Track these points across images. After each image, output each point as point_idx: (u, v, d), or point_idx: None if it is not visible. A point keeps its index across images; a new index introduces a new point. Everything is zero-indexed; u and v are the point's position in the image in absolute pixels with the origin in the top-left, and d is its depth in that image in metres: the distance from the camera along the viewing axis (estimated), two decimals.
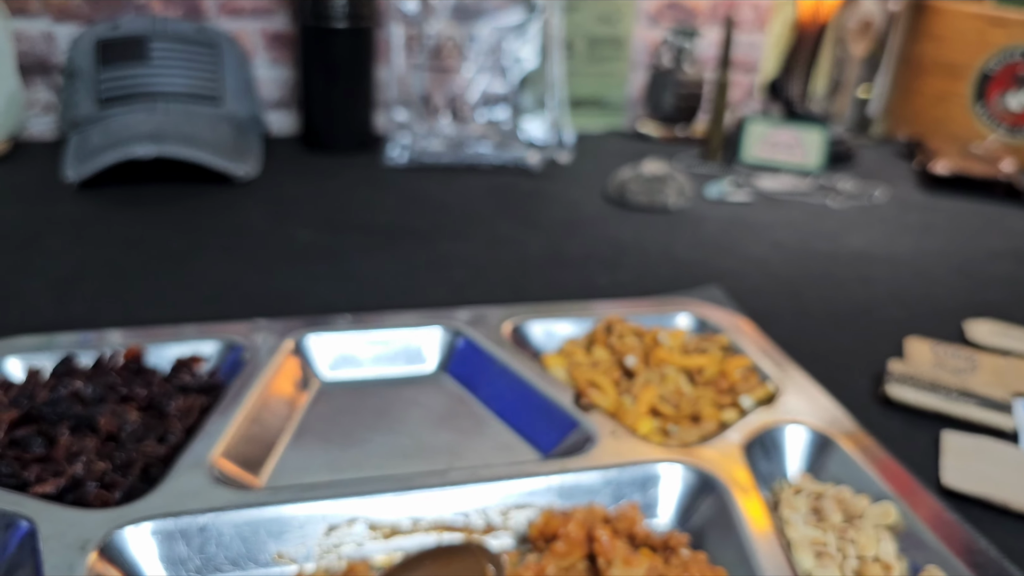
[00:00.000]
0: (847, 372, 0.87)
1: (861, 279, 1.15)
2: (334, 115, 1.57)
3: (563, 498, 0.63)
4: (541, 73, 1.61)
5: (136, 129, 1.31)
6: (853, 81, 1.89)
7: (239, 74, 1.50)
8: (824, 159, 1.61)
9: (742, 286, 1.07)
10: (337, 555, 0.58)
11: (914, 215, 1.45)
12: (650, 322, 0.89)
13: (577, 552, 0.57)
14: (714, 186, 1.47)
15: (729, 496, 0.62)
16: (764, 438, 0.70)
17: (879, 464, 0.67)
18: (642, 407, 0.73)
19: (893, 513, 0.62)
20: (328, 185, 1.40)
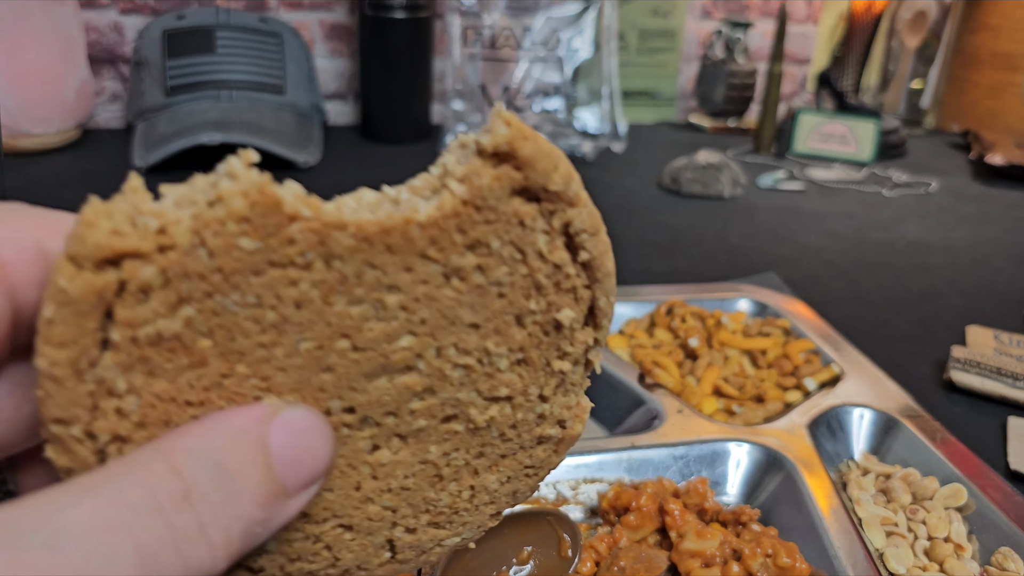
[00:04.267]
0: (908, 358, 0.87)
1: (918, 267, 1.14)
2: (392, 105, 1.59)
3: (632, 473, 0.64)
4: (595, 64, 1.61)
5: (202, 117, 1.34)
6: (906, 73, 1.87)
7: (301, 64, 1.52)
8: (876, 151, 1.60)
9: (798, 274, 1.07)
10: None
11: (970, 205, 1.44)
12: (710, 306, 0.90)
13: (649, 525, 0.58)
14: (767, 176, 1.47)
15: (797, 474, 0.62)
16: (829, 419, 0.71)
17: (946, 447, 0.67)
18: (706, 387, 0.74)
19: (963, 495, 0.62)
20: (386, 174, 1.42)
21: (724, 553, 0.54)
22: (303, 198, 0.22)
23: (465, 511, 0.31)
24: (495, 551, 0.52)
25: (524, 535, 0.55)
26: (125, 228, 0.20)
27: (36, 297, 0.23)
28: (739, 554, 0.54)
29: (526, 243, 0.25)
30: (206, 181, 0.22)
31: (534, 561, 0.52)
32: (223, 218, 0.21)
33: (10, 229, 0.23)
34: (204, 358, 0.22)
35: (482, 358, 0.27)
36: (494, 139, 0.23)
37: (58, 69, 1.39)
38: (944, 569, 0.57)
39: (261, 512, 0.22)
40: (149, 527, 0.19)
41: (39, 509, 0.18)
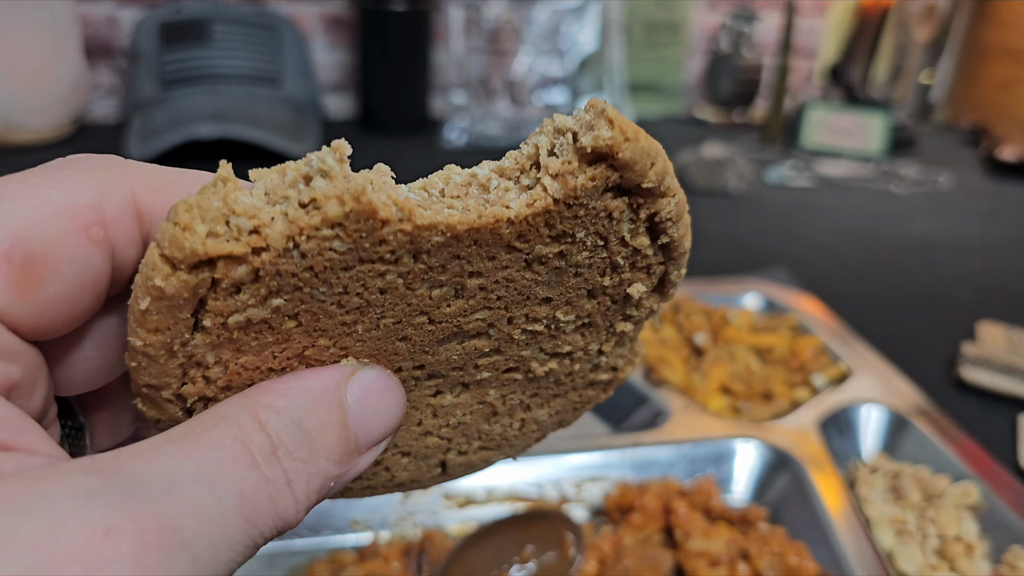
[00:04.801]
0: (917, 355, 0.85)
1: (929, 264, 1.12)
2: (391, 98, 1.58)
3: (637, 471, 0.62)
4: (599, 57, 1.60)
5: (199, 110, 1.33)
6: (915, 67, 1.85)
7: (298, 57, 1.51)
8: (886, 145, 1.59)
9: (807, 270, 1.06)
10: (412, 523, 0.59)
11: (981, 201, 1.42)
12: (717, 301, 0.88)
13: (654, 524, 0.57)
14: (775, 171, 1.45)
15: (804, 473, 0.61)
16: (838, 417, 0.69)
17: (957, 444, 0.66)
18: (712, 384, 0.73)
19: (974, 493, 0.61)
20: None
21: (731, 553, 0.53)
22: (397, 201, 0.21)
23: (514, 438, 0.34)
24: (497, 550, 0.51)
25: (526, 534, 0.53)
26: (219, 229, 0.20)
27: (133, 256, 0.24)
28: (746, 554, 0.53)
29: (610, 232, 0.25)
30: (297, 172, 0.21)
31: (536, 561, 0.51)
32: (318, 224, 0.21)
33: (110, 186, 0.23)
34: (289, 335, 0.24)
35: (550, 324, 0.28)
36: (595, 141, 0.22)
37: (52, 62, 1.38)
38: (955, 568, 0.56)
39: (336, 468, 0.23)
40: (249, 478, 0.21)
41: (150, 460, 0.19)
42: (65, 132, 1.45)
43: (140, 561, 0.17)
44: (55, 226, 0.22)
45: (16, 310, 0.21)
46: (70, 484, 0.18)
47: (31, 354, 0.23)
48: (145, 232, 0.24)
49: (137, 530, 0.18)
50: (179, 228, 0.20)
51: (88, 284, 0.23)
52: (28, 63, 1.34)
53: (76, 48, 1.44)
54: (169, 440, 0.21)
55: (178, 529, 0.18)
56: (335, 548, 0.56)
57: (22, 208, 0.21)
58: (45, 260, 0.21)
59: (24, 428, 0.21)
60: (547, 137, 0.23)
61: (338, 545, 0.56)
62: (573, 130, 0.23)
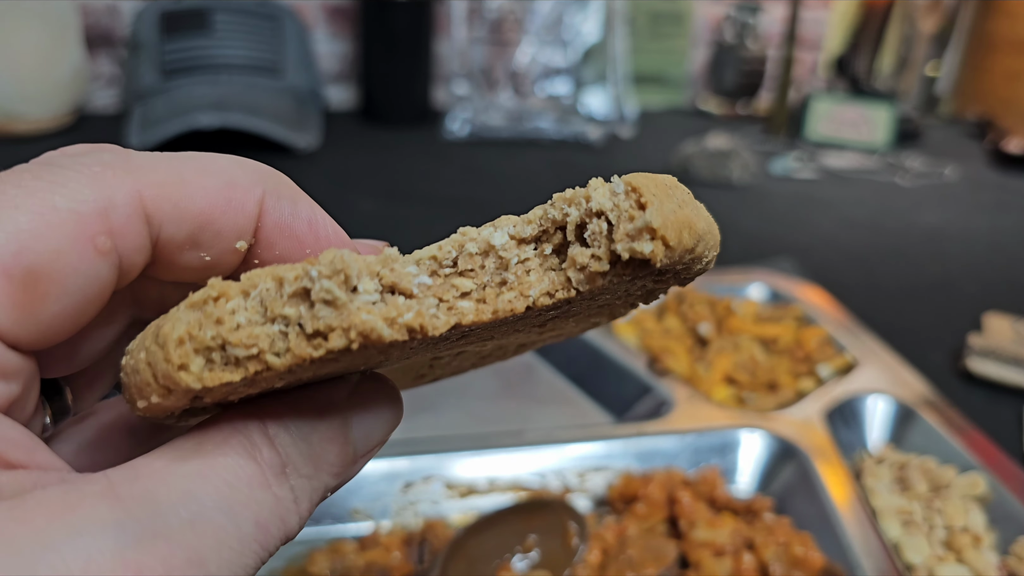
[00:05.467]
0: (924, 346, 0.85)
1: (935, 256, 1.12)
2: (394, 88, 1.57)
3: (640, 461, 0.62)
4: (603, 47, 1.59)
5: (200, 99, 1.32)
6: (921, 58, 1.84)
7: (299, 47, 1.50)
8: (891, 136, 1.58)
9: (812, 261, 1.05)
10: (413, 512, 0.58)
11: (987, 194, 1.41)
12: (722, 291, 0.87)
13: (658, 514, 0.56)
14: (779, 162, 1.44)
15: (810, 464, 0.60)
16: (844, 407, 0.68)
17: (964, 435, 0.65)
18: (717, 374, 0.72)
19: (981, 484, 0.60)
20: (388, 157, 1.40)
21: (736, 543, 0.52)
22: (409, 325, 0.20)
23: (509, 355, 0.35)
24: (499, 539, 0.51)
25: (529, 524, 0.53)
26: (215, 357, 0.20)
27: (140, 262, 0.22)
28: (751, 544, 0.52)
29: (632, 289, 0.24)
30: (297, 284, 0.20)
31: (538, 550, 0.51)
32: (323, 355, 0.20)
33: (115, 189, 0.21)
34: (298, 380, 0.23)
35: (555, 325, 0.28)
36: (632, 252, 0.21)
37: (52, 52, 1.37)
38: (962, 559, 0.55)
39: (335, 481, 0.24)
40: (262, 501, 0.21)
41: (170, 484, 0.19)
42: (65, 122, 1.44)
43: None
44: (59, 237, 0.20)
45: (17, 329, 0.20)
46: (98, 517, 0.18)
47: (28, 366, 0.22)
48: (154, 236, 0.22)
49: (165, 570, 0.18)
50: (172, 366, 0.19)
51: (93, 296, 0.21)
52: (28, 53, 1.34)
53: (76, 37, 1.43)
54: (182, 458, 0.20)
55: (203, 563, 0.19)
56: (335, 538, 0.55)
57: (22, 217, 0.20)
58: (49, 276, 0.20)
59: (33, 447, 0.20)
60: (578, 212, 0.22)
61: (338, 534, 0.56)
62: (609, 219, 0.21)
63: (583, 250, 0.21)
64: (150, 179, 0.22)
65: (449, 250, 0.22)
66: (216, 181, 0.23)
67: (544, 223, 0.22)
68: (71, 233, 0.20)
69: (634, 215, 0.21)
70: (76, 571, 0.17)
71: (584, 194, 0.22)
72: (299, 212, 0.25)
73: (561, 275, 0.22)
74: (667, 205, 0.21)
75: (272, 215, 0.24)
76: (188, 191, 0.23)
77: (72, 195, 0.21)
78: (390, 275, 0.20)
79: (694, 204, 0.23)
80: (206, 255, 0.23)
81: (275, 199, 0.24)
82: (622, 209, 0.21)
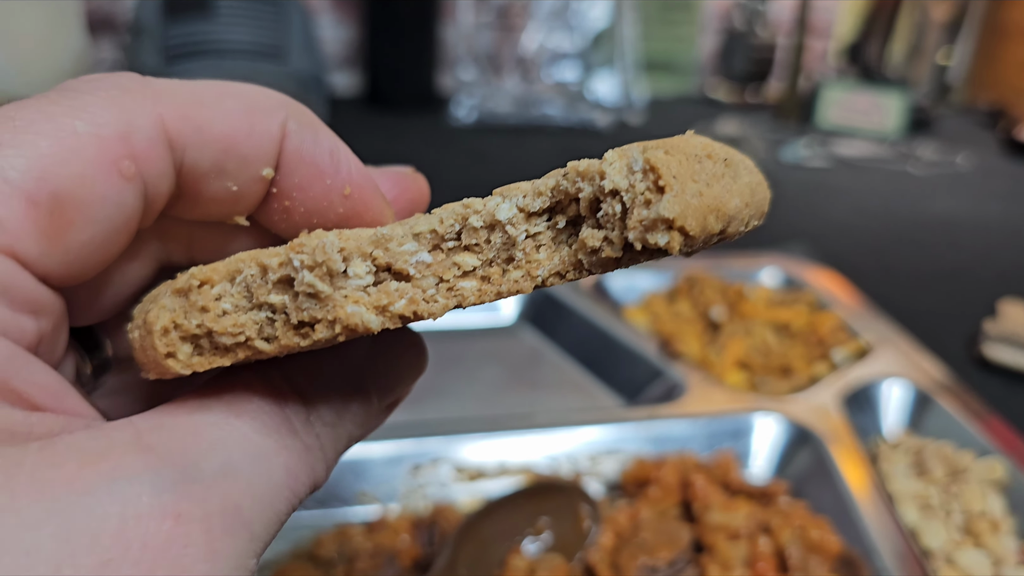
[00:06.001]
0: (938, 333, 0.83)
1: (948, 243, 1.10)
2: (399, 74, 1.56)
3: (653, 445, 0.61)
4: (611, 33, 1.57)
5: None
6: (933, 46, 1.82)
7: (304, 32, 1.49)
8: (903, 124, 1.56)
9: (825, 248, 1.04)
10: (422, 495, 0.57)
11: (999, 182, 1.40)
12: (734, 276, 0.86)
13: (671, 498, 0.55)
14: (790, 149, 1.43)
15: (825, 449, 0.59)
16: (859, 392, 0.67)
17: (981, 420, 0.64)
18: (729, 358, 0.71)
19: (999, 469, 0.59)
20: (394, 143, 1.39)
21: (751, 527, 0.51)
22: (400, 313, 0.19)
23: None
24: (510, 522, 0.50)
25: (540, 507, 0.52)
26: (203, 344, 0.19)
27: (165, 190, 0.21)
28: (767, 528, 0.51)
29: None
30: (281, 271, 0.19)
31: (550, 533, 0.50)
32: (309, 345, 0.19)
33: (136, 113, 0.20)
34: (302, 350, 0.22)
35: None
36: (645, 242, 0.19)
37: (54, 37, 1.36)
38: (980, 544, 0.54)
39: (359, 430, 0.23)
40: (291, 448, 0.21)
41: (199, 434, 0.19)
42: None
43: (210, 546, 0.18)
44: (82, 162, 0.19)
45: (45, 260, 0.19)
46: (131, 464, 0.17)
47: (57, 303, 0.21)
48: (177, 162, 0.21)
49: (204, 515, 0.18)
50: (160, 355, 0.19)
51: (120, 226, 0.21)
52: (30, 37, 1.32)
53: (78, 22, 1.42)
54: (207, 406, 0.20)
55: (238, 510, 0.19)
56: (342, 521, 0.54)
57: (43, 141, 0.19)
58: (75, 202, 0.19)
59: (63, 392, 0.20)
60: (591, 188, 0.20)
61: (345, 518, 0.55)
62: (623, 200, 0.19)
63: (595, 232, 0.20)
64: (171, 103, 0.21)
65: (452, 223, 0.20)
66: (238, 104, 0.23)
67: (556, 195, 0.21)
68: (94, 158, 0.20)
69: (650, 199, 0.19)
70: (114, 516, 0.17)
71: (599, 169, 0.20)
72: (321, 141, 0.24)
73: (572, 254, 0.21)
74: (689, 188, 0.19)
75: (294, 140, 0.23)
76: (210, 114, 0.22)
77: (93, 119, 0.20)
78: (384, 256, 0.19)
79: (730, 174, 0.21)
80: (232, 184, 0.23)
81: (298, 125, 0.24)
82: (637, 192, 0.19)
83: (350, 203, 0.24)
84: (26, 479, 0.16)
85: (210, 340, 0.19)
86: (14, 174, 0.19)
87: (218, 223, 0.24)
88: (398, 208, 0.28)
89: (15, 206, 0.19)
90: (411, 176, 0.29)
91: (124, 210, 0.20)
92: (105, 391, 0.26)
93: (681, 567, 0.49)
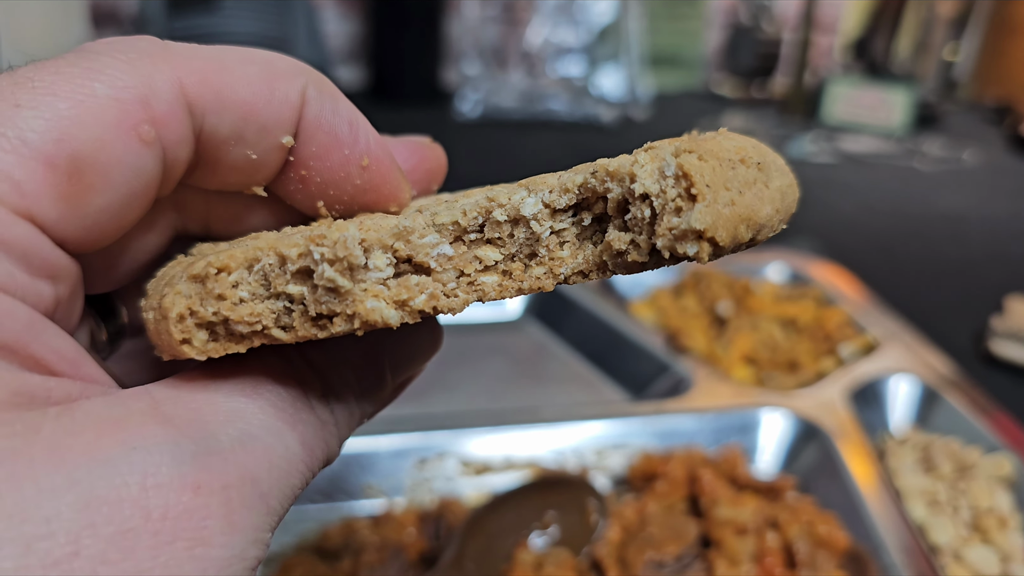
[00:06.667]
0: (945, 329, 0.83)
1: (955, 240, 1.10)
2: (404, 68, 1.55)
3: (660, 440, 0.60)
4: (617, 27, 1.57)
5: None
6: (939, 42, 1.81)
7: (308, 25, 1.49)
8: (909, 120, 1.56)
9: (831, 243, 1.03)
10: (428, 489, 0.57)
11: (1006, 178, 1.39)
12: (741, 271, 0.86)
13: (678, 493, 0.55)
14: (796, 145, 1.43)
15: (832, 444, 0.59)
16: (866, 387, 0.67)
17: (989, 417, 0.64)
18: (735, 353, 0.71)
19: (1007, 465, 0.59)
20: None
21: (759, 522, 0.51)
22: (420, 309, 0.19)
23: None
24: (517, 516, 0.50)
25: (547, 500, 0.52)
26: (219, 331, 0.19)
27: (184, 156, 0.21)
28: (775, 523, 0.51)
29: None
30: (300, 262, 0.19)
31: (557, 527, 0.49)
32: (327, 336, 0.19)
33: (155, 77, 0.20)
34: None
35: None
36: (673, 250, 0.19)
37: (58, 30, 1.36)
38: (988, 540, 0.54)
39: (372, 407, 0.24)
40: (307, 422, 0.21)
41: (216, 404, 0.19)
42: None
43: (229, 518, 0.18)
44: (101, 125, 0.19)
45: (63, 224, 0.19)
46: (150, 434, 0.17)
47: (74, 269, 0.20)
48: (196, 128, 0.21)
49: (222, 486, 0.18)
50: (175, 340, 0.19)
51: (139, 191, 0.20)
52: (34, 30, 1.32)
53: (82, 15, 1.42)
54: (223, 377, 0.20)
55: (256, 481, 0.19)
56: (348, 515, 0.54)
57: (61, 104, 0.19)
58: (93, 166, 0.19)
59: (79, 358, 0.20)
60: (620, 189, 0.20)
61: (351, 512, 0.55)
62: (652, 205, 0.19)
63: (622, 236, 0.19)
64: (190, 67, 0.21)
65: (475, 215, 0.20)
66: (258, 69, 0.22)
67: (583, 192, 0.20)
68: (113, 121, 0.19)
69: (681, 207, 0.18)
70: (134, 486, 0.16)
71: (629, 171, 0.19)
72: (340, 110, 0.24)
73: (596, 255, 0.20)
74: (722, 197, 0.18)
75: (313, 107, 0.23)
76: (230, 79, 0.21)
77: (112, 82, 0.19)
78: (405, 248, 0.19)
79: (763, 179, 0.20)
80: (252, 152, 0.22)
81: (317, 92, 0.23)
82: (668, 198, 0.18)
83: (367, 175, 0.24)
84: (45, 446, 0.16)
85: (226, 327, 0.19)
86: (33, 136, 0.18)
87: (235, 193, 0.24)
88: (415, 179, 0.27)
89: (34, 168, 0.18)
90: (428, 146, 0.28)
91: (143, 175, 0.20)
92: (119, 356, 0.26)
93: (688, 562, 0.49)
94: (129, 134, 0.19)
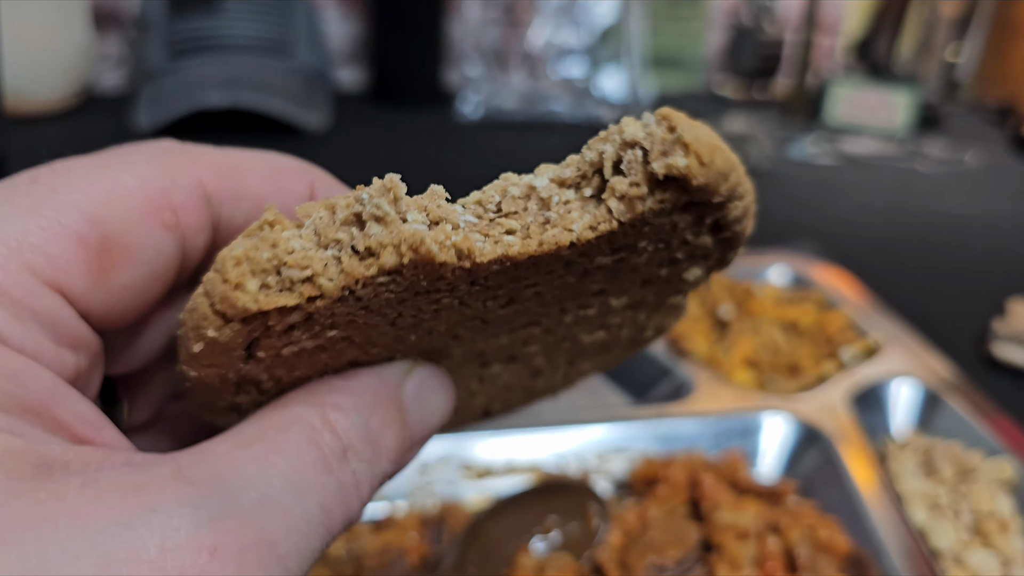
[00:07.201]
0: (947, 332, 0.83)
1: (957, 241, 1.10)
2: (405, 69, 1.55)
3: (661, 444, 0.61)
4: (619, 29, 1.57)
5: (208, 79, 1.30)
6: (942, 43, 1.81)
7: (309, 27, 1.49)
8: (911, 121, 1.55)
9: (833, 246, 1.03)
10: (429, 492, 0.57)
11: (1009, 180, 1.39)
12: (742, 274, 0.86)
13: (679, 497, 0.55)
14: (797, 147, 1.43)
15: (833, 448, 0.59)
16: (867, 391, 0.67)
17: (990, 420, 0.64)
18: (737, 357, 0.71)
19: (1009, 469, 0.59)
20: (399, 139, 1.38)
21: (760, 526, 0.51)
22: (457, 245, 0.20)
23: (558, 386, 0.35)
24: (519, 521, 0.50)
25: (548, 505, 0.52)
26: (271, 280, 0.20)
27: (202, 243, 0.24)
28: (776, 527, 0.51)
29: (673, 237, 0.24)
30: (348, 210, 0.20)
31: (559, 531, 0.49)
32: (374, 274, 0.20)
33: (176, 171, 0.23)
34: (342, 352, 0.24)
35: (602, 308, 0.28)
36: (668, 169, 0.20)
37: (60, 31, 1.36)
38: (989, 545, 0.54)
39: (393, 467, 0.24)
40: (327, 485, 0.21)
41: (237, 467, 0.20)
42: (73, 102, 1.43)
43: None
44: (129, 209, 0.22)
45: (89, 297, 0.21)
46: (171, 497, 0.18)
47: (95, 342, 0.22)
48: (214, 217, 0.24)
49: (239, 548, 0.18)
50: (229, 285, 0.20)
51: (159, 272, 0.23)
52: (36, 32, 1.32)
53: (84, 17, 1.42)
54: (245, 443, 0.21)
55: (273, 544, 0.19)
56: None
57: (95, 189, 0.21)
58: (120, 245, 0.21)
59: (100, 424, 0.21)
60: (613, 147, 0.22)
61: None
62: (643, 146, 0.21)
63: (621, 179, 0.21)
64: (208, 163, 0.24)
65: (492, 194, 0.22)
66: (268, 166, 0.25)
67: (582, 166, 0.22)
68: (139, 207, 0.22)
69: (666, 137, 0.20)
70: (153, 548, 0.17)
71: (617, 129, 0.22)
72: None
73: (602, 208, 0.22)
74: (698, 128, 0.21)
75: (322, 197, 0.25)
76: (244, 173, 0.24)
77: (139, 175, 0.22)
78: (437, 210, 0.21)
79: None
80: None
81: (324, 186, 0.26)
82: (656, 136, 0.21)
83: None
84: (69, 512, 0.17)
85: (278, 277, 0.20)
86: (68, 217, 0.21)
87: None
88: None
89: (67, 246, 0.20)
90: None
91: (163, 257, 0.22)
92: None
93: (690, 566, 0.49)
94: (153, 219, 0.22)
